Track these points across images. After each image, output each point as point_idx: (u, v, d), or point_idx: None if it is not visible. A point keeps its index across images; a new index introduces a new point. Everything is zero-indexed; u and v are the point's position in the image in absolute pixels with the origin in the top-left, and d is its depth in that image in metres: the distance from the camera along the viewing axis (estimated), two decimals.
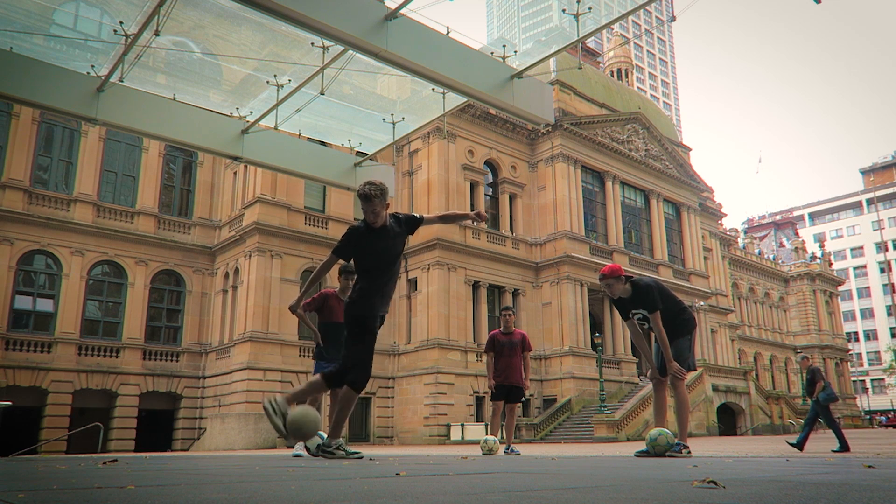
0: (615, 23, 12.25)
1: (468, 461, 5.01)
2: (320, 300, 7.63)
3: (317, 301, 7.65)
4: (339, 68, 8.52)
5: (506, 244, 32.43)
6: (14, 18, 8.28)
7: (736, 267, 54.71)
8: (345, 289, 7.70)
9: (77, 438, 23.45)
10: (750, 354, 52.88)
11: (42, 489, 2.46)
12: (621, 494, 2.16)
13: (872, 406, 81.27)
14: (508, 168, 33.42)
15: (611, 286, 6.18)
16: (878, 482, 2.53)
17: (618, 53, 50.60)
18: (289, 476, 3.20)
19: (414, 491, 2.29)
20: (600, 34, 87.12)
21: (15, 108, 24.54)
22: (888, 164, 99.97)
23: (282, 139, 10.67)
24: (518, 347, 9.06)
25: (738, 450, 9.35)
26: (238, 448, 22.10)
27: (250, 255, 26.53)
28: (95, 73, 8.42)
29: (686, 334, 6.33)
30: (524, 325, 30.80)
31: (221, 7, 8.14)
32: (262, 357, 25.67)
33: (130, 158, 28.02)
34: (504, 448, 9.01)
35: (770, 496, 2.02)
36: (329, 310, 7.60)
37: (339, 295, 7.70)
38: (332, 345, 7.47)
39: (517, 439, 24.06)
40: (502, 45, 9.38)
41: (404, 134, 10.62)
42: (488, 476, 3.10)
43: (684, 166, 41.06)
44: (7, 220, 24.10)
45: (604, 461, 5.13)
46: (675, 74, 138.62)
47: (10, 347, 23.68)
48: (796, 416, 35.71)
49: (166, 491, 2.39)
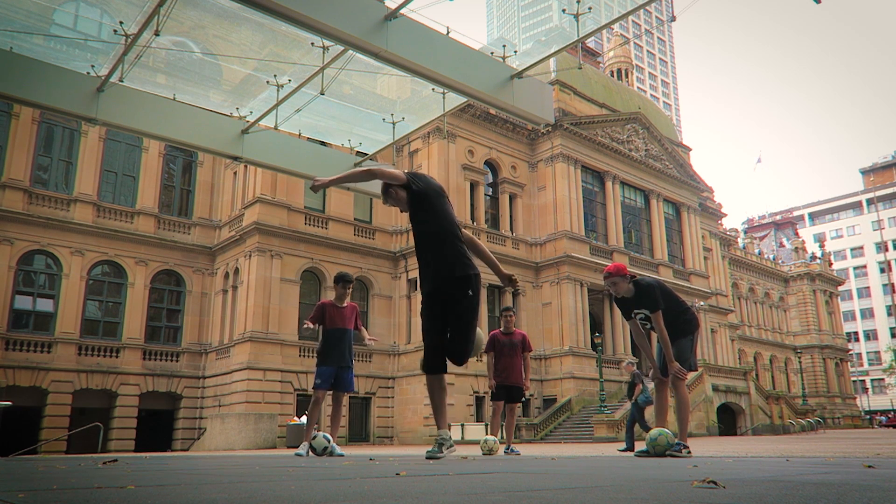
0: (615, 23, 12.25)
1: (468, 461, 5.01)
2: (320, 311, 7.74)
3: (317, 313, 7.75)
4: (339, 68, 8.52)
5: (506, 244, 32.44)
6: (14, 18, 8.28)
7: (736, 267, 54.71)
8: (341, 296, 7.79)
9: (77, 438, 23.44)
10: (750, 354, 52.88)
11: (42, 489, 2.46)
12: (621, 494, 2.16)
13: (872, 406, 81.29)
14: (508, 168, 33.42)
15: (616, 284, 6.18)
16: (879, 482, 2.53)
17: (618, 53, 50.60)
18: (289, 476, 3.20)
19: (414, 491, 2.28)
20: (600, 34, 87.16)
21: (15, 108, 24.54)
22: (888, 164, 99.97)
23: (282, 139, 10.67)
24: (518, 347, 9.07)
25: (738, 450, 9.35)
26: (238, 448, 22.09)
27: (250, 255, 26.53)
28: (95, 73, 8.42)
29: (688, 334, 6.33)
30: (524, 325, 30.80)
31: (221, 7, 8.13)
32: (262, 357, 25.67)
33: (130, 158, 28.02)
34: (504, 448, 9.01)
35: (770, 496, 2.02)
36: (329, 318, 7.70)
37: (335, 303, 7.82)
38: (334, 349, 7.66)
39: (517, 439, 24.06)
40: (502, 45, 9.38)
41: (404, 134, 10.62)
42: (488, 476, 3.10)
43: (684, 166, 41.06)
44: (7, 220, 24.11)
45: (604, 461, 5.13)
46: (675, 74, 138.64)
47: (10, 347, 23.69)
48: (796, 417, 35.71)
49: (166, 491, 2.39)
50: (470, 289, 4.79)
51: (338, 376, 7.66)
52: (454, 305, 4.80)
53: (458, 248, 4.85)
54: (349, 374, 7.74)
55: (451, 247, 4.83)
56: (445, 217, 4.90)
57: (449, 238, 4.85)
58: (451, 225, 4.91)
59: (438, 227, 4.87)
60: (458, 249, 4.84)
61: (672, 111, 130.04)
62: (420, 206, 4.91)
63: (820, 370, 59.39)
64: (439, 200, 4.93)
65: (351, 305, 7.89)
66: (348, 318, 7.79)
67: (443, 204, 4.94)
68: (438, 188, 5.03)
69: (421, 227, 4.94)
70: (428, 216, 4.90)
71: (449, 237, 4.85)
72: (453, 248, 4.82)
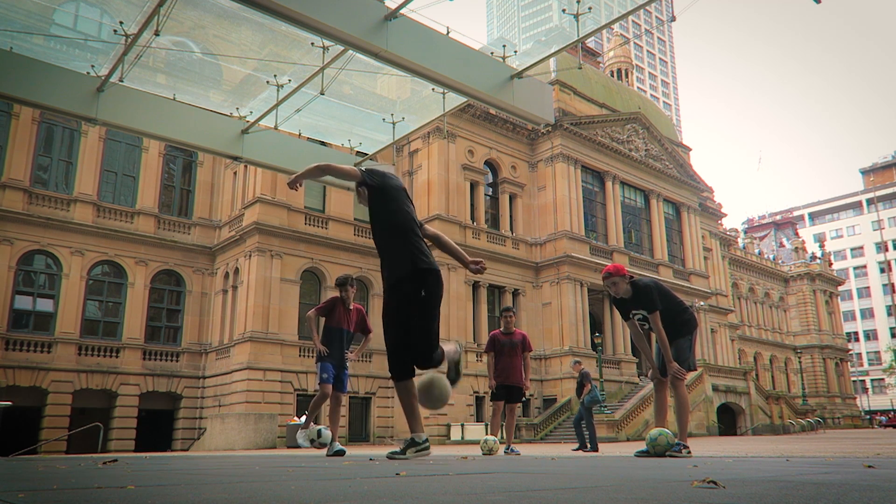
0: (615, 23, 12.25)
1: (468, 461, 5.01)
2: (331, 304, 7.74)
3: (329, 304, 7.75)
4: (339, 68, 8.53)
5: (506, 244, 32.43)
6: (14, 18, 8.28)
7: (736, 267, 54.70)
8: (346, 299, 7.79)
9: (77, 438, 23.44)
10: (750, 354, 52.88)
11: (42, 489, 2.46)
12: (621, 494, 2.16)
13: (872, 406, 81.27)
14: (508, 168, 33.42)
15: (615, 284, 6.18)
16: (879, 482, 2.53)
17: (618, 53, 50.60)
18: (289, 476, 3.20)
19: (414, 491, 2.28)
20: (600, 34, 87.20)
21: (15, 108, 24.53)
22: (888, 164, 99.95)
23: (282, 139, 10.67)
24: (518, 347, 9.07)
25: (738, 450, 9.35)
26: (238, 448, 22.09)
27: (250, 255, 26.52)
28: (95, 73, 8.42)
29: (686, 335, 6.33)
30: (524, 325, 30.80)
31: (221, 7, 8.14)
32: (262, 357, 25.66)
33: (130, 158, 28.02)
34: (504, 448, 9.01)
35: (770, 496, 2.02)
36: (337, 316, 7.73)
37: (341, 305, 7.84)
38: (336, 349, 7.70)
39: (517, 439, 24.06)
40: (502, 45, 9.39)
41: (404, 134, 10.62)
42: (488, 476, 3.10)
43: (684, 166, 41.06)
44: (7, 220, 24.10)
45: (604, 461, 5.13)
46: (675, 74, 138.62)
47: (10, 347, 23.68)
48: (796, 417, 35.71)
49: (166, 491, 2.39)
50: (426, 285, 4.69)
51: (336, 376, 7.69)
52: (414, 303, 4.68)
53: (416, 243, 4.75)
54: (345, 374, 7.79)
55: (409, 242, 4.74)
56: (401, 212, 4.82)
57: (407, 233, 4.76)
58: (409, 220, 4.82)
59: (395, 221, 4.80)
60: (416, 245, 4.74)
61: (672, 111, 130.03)
62: (376, 201, 4.86)
63: (820, 370, 59.39)
64: (396, 196, 4.86)
65: (357, 308, 7.91)
66: (351, 321, 7.81)
67: (400, 199, 4.87)
68: (397, 184, 4.96)
69: (377, 223, 4.89)
70: (384, 212, 4.84)
71: (407, 232, 4.76)
72: (410, 244, 4.73)
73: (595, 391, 12.66)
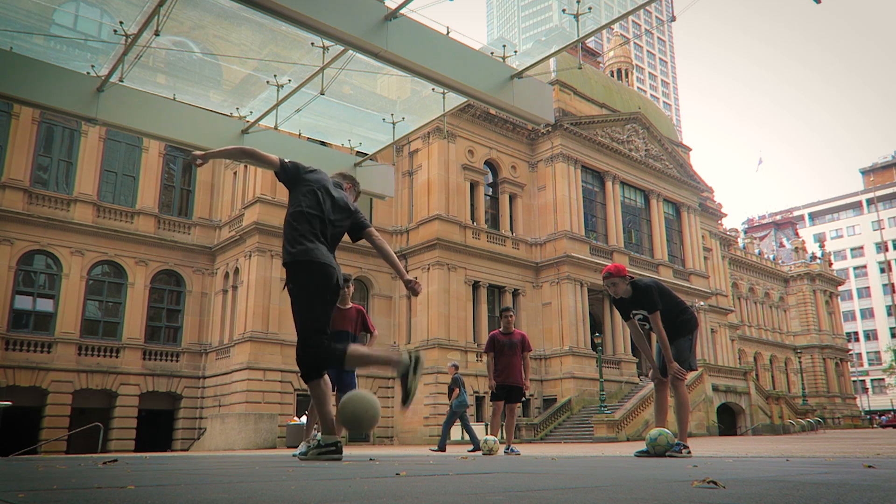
0: (615, 23, 12.25)
1: (468, 461, 5.01)
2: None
3: None
4: (339, 68, 8.53)
5: (506, 244, 32.44)
6: (14, 18, 8.28)
7: (736, 267, 54.71)
8: (342, 298, 7.69)
9: (77, 438, 23.45)
10: (750, 354, 52.89)
11: (42, 489, 2.46)
12: (621, 494, 2.15)
13: (872, 406, 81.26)
14: (508, 168, 33.42)
15: (615, 285, 6.18)
16: (879, 482, 2.53)
17: (618, 53, 50.60)
18: (289, 476, 3.20)
19: (414, 491, 2.28)
20: (600, 34, 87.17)
21: (15, 108, 24.54)
22: (888, 164, 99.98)
23: (282, 139, 10.66)
24: (518, 347, 9.07)
25: (738, 450, 9.35)
26: (238, 448, 22.09)
27: (250, 255, 26.53)
28: (95, 73, 8.42)
29: (687, 334, 6.33)
30: (524, 325, 30.80)
31: (221, 7, 8.14)
32: (262, 357, 25.67)
33: (130, 158, 28.02)
34: (504, 448, 9.01)
35: (770, 496, 2.02)
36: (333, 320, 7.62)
37: (338, 305, 7.71)
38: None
39: (517, 439, 24.06)
40: (502, 45, 9.39)
41: (404, 134, 10.62)
42: (488, 476, 3.10)
43: (684, 166, 41.07)
44: (7, 220, 24.11)
45: (604, 461, 5.13)
46: (675, 74, 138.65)
47: (10, 347, 23.69)
48: (796, 417, 35.71)
49: (166, 491, 2.39)
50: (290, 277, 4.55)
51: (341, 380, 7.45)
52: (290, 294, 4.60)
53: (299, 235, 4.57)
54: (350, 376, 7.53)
55: (294, 232, 4.59)
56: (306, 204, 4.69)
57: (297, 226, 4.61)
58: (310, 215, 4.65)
59: (294, 212, 4.69)
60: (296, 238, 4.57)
61: (672, 111, 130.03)
62: (290, 190, 4.84)
63: (820, 370, 59.39)
64: (311, 189, 4.77)
65: (357, 308, 7.68)
66: (350, 321, 7.64)
67: (308, 190, 4.76)
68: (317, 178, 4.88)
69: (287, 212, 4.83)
70: (291, 201, 4.78)
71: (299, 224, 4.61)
72: (295, 234, 4.58)
73: (464, 396, 13.14)
